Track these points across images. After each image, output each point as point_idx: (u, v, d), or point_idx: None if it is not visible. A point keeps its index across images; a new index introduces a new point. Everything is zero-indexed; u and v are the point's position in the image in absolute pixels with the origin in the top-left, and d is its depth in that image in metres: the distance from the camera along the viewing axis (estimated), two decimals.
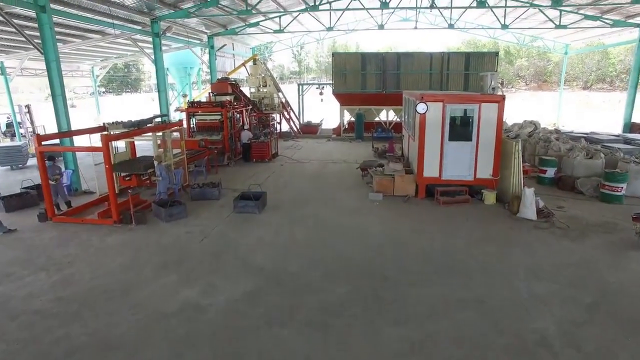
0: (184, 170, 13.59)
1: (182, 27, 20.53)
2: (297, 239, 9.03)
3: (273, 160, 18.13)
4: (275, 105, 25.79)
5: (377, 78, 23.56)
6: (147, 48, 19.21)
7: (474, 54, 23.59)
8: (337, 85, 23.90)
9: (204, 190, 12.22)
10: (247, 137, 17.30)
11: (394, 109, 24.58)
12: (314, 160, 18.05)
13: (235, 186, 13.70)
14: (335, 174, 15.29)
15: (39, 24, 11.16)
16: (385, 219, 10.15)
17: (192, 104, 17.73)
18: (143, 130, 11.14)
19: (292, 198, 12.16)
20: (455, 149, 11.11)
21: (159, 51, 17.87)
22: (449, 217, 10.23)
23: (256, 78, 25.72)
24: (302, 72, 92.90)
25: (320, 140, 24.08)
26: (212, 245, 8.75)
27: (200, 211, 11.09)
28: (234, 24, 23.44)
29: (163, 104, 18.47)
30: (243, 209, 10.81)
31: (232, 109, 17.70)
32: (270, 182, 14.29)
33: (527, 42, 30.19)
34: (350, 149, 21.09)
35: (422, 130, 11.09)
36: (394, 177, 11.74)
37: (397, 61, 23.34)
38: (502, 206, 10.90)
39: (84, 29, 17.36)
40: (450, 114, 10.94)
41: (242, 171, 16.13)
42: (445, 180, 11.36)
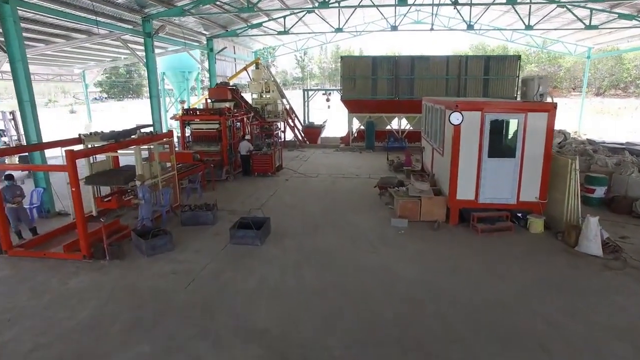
0: (175, 188, 11.81)
1: (178, 27, 18.85)
2: (308, 283, 7.19)
3: (277, 174, 16.32)
4: (279, 113, 24.09)
5: (389, 83, 21.78)
6: (139, 50, 17.51)
7: (495, 57, 21.81)
8: (346, 91, 22.13)
9: (196, 214, 10.40)
10: (246, 148, 15.51)
11: (407, 117, 22.80)
12: (323, 173, 16.24)
13: (234, 206, 11.90)
14: (348, 191, 13.46)
15: (0, 17, 9.42)
16: (414, 254, 8.30)
17: (187, 111, 15.99)
18: (122, 144, 9.35)
19: (299, 223, 10.33)
20: (495, 167, 9.29)
21: (151, 52, 16.16)
22: (491, 251, 8.37)
23: (259, 83, 24.08)
24: (306, 78, 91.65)
25: (327, 151, 22.28)
26: (202, 291, 6.92)
27: (190, 241, 9.27)
28: (235, 25, 21.77)
29: (155, 111, 16.73)
30: (242, 240, 8.98)
31: (231, 117, 15.94)
32: (273, 202, 12.47)
33: (547, 46, 28.38)
34: (361, 160, 19.27)
35: (456, 144, 9.27)
36: (421, 200, 9.91)
37: (411, 65, 21.56)
38: (553, 236, 9.05)
39: (68, 28, 15.65)
40: (490, 125, 9.12)
41: (242, 188, 14.32)
42: (482, 204, 9.52)
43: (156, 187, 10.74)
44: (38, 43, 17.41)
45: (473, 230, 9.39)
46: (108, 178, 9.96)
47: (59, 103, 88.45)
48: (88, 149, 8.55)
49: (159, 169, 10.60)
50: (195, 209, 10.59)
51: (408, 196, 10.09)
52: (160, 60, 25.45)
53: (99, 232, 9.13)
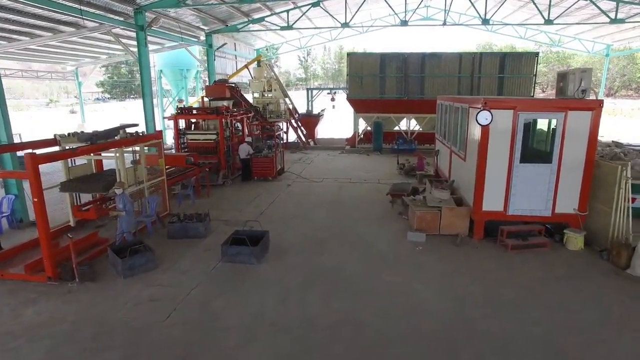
0: (164, 195, 10.62)
1: (174, 21, 17.69)
2: (314, 315, 5.96)
3: (278, 178, 15.11)
4: (282, 112, 22.91)
5: (398, 82, 20.54)
6: (131, 45, 16.32)
7: (511, 54, 20.55)
8: (353, 90, 20.90)
9: (185, 226, 9.19)
10: (246, 151, 14.27)
11: (417, 117, 21.54)
12: (328, 178, 15.01)
13: (229, 215, 10.70)
14: (356, 198, 12.23)
15: None
16: (437, 277, 7.06)
17: (182, 110, 14.80)
18: (99, 147, 8.16)
19: (303, 236, 9.11)
20: (528, 174, 8.03)
21: (144, 47, 14.99)
22: (528, 273, 7.12)
23: (260, 81, 22.93)
24: (309, 78, 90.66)
25: (332, 153, 21.04)
26: (184, 326, 5.71)
27: (176, 258, 8.07)
28: (236, 20, 20.58)
29: (148, 110, 15.56)
30: (235, 258, 7.77)
31: (229, 117, 14.74)
32: (274, 210, 11.25)
33: (562, 43, 27.04)
34: (369, 163, 18.03)
35: (483, 148, 8.03)
36: (441, 211, 8.66)
37: (421, 63, 20.29)
38: (595, 254, 7.79)
39: (54, 20, 14.50)
40: (523, 126, 7.87)
41: (240, 194, 13.11)
42: (512, 216, 8.27)
43: (141, 194, 9.57)
44: (22, 36, 16.27)
45: (501, 247, 8.15)
46: (86, 184, 8.76)
47: (60, 103, 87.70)
48: (53, 152, 7.33)
49: (145, 173, 9.39)
50: (184, 220, 9.38)
51: (426, 206, 8.85)
52: (157, 57, 24.39)
53: (76, 245, 8.01)
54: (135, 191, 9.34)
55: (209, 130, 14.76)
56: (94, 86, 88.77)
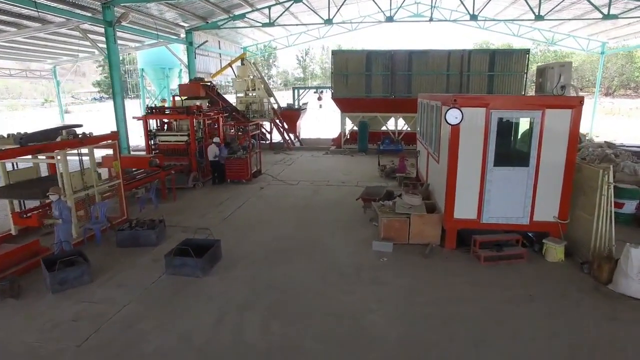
0: (121, 199, 9.92)
1: (150, 17, 17.02)
2: (248, 338, 5.26)
3: (253, 180, 14.41)
4: (266, 112, 22.22)
5: (385, 80, 19.86)
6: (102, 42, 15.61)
7: (501, 51, 19.84)
8: (338, 89, 20.21)
9: (135, 234, 8.49)
10: (214, 153, 13.54)
11: (404, 117, 20.83)
12: (305, 180, 14.30)
13: (192, 221, 10.00)
14: (330, 203, 11.52)
15: None
16: (397, 294, 6.35)
17: (152, 110, 14.10)
18: (32, 149, 7.46)
19: (261, 245, 8.40)
20: (503, 178, 7.33)
21: (113, 43, 14.31)
22: (499, 290, 6.41)
23: (244, 80, 22.27)
24: (307, 78, 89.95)
25: (316, 154, 20.33)
26: (98, 352, 5.01)
27: (119, 269, 7.38)
28: (216, 16, 19.91)
29: (119, 110, 14.90)
30: (180, 270, 7.07)
31: (202, 116, 14.04)
32: (239, 215, 10.55)
33: (557, 41, 26.33)
34: (352, 164, 17.33)
35: (454, 149, 7.32)
36: (410, 218, 7.95)
37: (408, 61, 19.61)
38: (576, 266, 7.09)
39: (16, 14, 13.83)
40: (497, 125, 7.16)
41: (209, 197, 12.42)
42: (487, 225, 7.56)
43: (92, 199, 8.88)
44: None
45: (474, 258, 7.44)
46: (24, 190, 8.08)
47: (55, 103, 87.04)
48: None
49: (95, 177, 8.68)
50: (135, 227, 8.68)
51: (394, 213, 8.13)
52: (139, 56, 23.72)
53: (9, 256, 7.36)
54: (82, 197, 8.65)
55: (181, 131, 14.07)
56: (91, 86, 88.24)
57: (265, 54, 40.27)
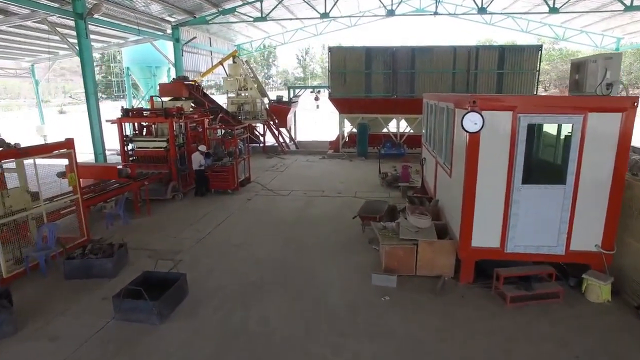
0: (80, 217, 8.51)
1: (130, 10, 15.60)
2: None
3: (240, 190, 12.99)
4: (259, 113, 20.80)
5: (386, 79, 18.43)
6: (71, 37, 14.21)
7: (511, 47, 18.38)
8: (335, 88, 18.79)
9: (87, 263, 7.07)
10: (198, 161, 12.11)
11: (407, 118, 19.40)
12: (297, 190, 12.88)
13: (160, 243, 8.61)
14: (323, 218, 10.10)
15: None
16: (399, 351, 4.93)
17: (127, 111, 12.67)
18: None
19: (237, 277, 6.97)
20: (533, 198, 5.90)
21: (85, 38, 12.91)
22: (533, 345, 4.99)
23: (235, 79, 20.81)
24: (307, 77, 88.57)
25: (312, 158, 18.91)
26: None
27: (59, 310, 6.01)
28: (204, 11, 18.51)
29: (93, 112, 13.50)
30: (130, 316, 5.66)
31: (183, 119, 12.63)
32: (217, 235, 9.13)
33: (568, 37, 24.85)
34: (350, 170, 15.90)
35: (472, 162, 5.90)
36: (418, 246, 6.53)
37: (411, 58, 18.18)
38: (628, 308, 5.67)
39: None
40: (526, 132, 5.73)
41: (189, 211, 11.01)
42: (512, 255, 6.14)
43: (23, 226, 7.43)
44: None
45: (497, 296, 6.01)
46: None
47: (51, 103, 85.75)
48: None
49: (27, 198, 7.24)
50: (88, 254, 7.27)
51: (398, 239, 6.70)
52: (124, 53, 22.35)
53: None
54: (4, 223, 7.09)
55: (162, 135, 12.64)
56: None
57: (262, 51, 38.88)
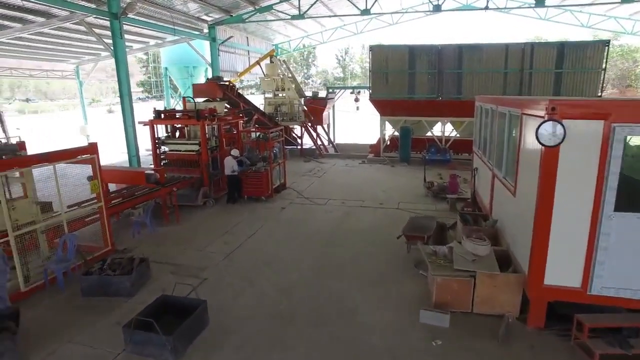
0: (104, 226, 8.05)
1: (166, 10, 15.28)
2: None
3: (275, 196, 12.29)
4: (296, 115, 20.11)
5: (431, 79, 17.22)
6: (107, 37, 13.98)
7: (572, 44, 16.64)
8: (376, 89, 17.78)
9: (105, 281, 6.51)
10: (231, 166, 11.48)
11: (453, 122, 18.10)
12: (335, 199, 12.00)
13: (185, 256, 8.00)
14: (362, 233, 9.18)
15: None
16: None
17: (160, 113, 12.25)
18: None
19: (262, 306, 6.16)
20: (629, 230, 4.73)
21: (119, 38, 12.63)
22: None
23: (272, 80, 20.20)
24: (347, 78, 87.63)
25: (351, 163, 17.99)
26: None
27: (69, 335, 5.46)
28: (241, 9, 18.00)
29: (127, 113, 13.22)
30: (142, 350, 4.99)
31: (216, 121, 12.06)
32: (247, 250, 8.41)
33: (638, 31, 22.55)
34: (392, 177, 14.85)
35: (548, 182, 4.81)
36: (476, 278, 5.50)
37: (458, 56, 16.88)
38: None
39: (20, 8, 12.43)
40: (622, 147, 4.59)
41: (219, 220, 10.41)
42: (598, 298, 4.98)
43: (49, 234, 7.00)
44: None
45: (578, 349, 4.89)
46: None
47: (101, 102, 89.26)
48: None
49: (36, 211, 6.72)
50: (105, 269, 6.72)
51: (452, 269, 5.69)
52: (163, 53, 22.31)
53: None
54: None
55: (195, 138, 12.13)
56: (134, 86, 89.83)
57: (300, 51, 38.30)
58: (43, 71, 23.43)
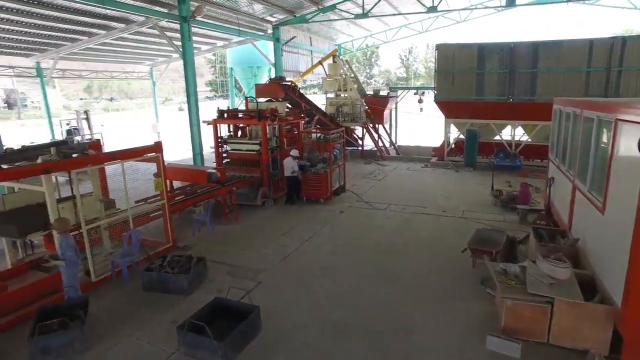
0: (165, 223, 8.28)
1: (232, 12, 15.63)
2: None
3: (334, 199, 12.08)
4: (358, 115, 19.78)
5: (501, 80, 16.12)
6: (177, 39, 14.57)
7: None
8: (442, 90, 16.98)
9: (164, 278, 6.65)
10: (291, 168, 11.44)
11: (524, 125, 16.84)
12: (396, 204, 11.53)
13: (242, 257, 8.03)
14: (424, 242, 8.69)
15: None
16: None
17: (223, 113, 12.51)
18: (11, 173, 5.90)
19: (316, 317, 5.93)
20: None
21: (188, 40, 13.05)
22: None
23: (335, 80, 20.00)
24: (410, 78, 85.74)
25: (413, 166, 17.33)
26: None
27: (131, 329, 5.63)
28: (305, 9, 17.99)
29: (193, 113, 13.66)
30: (194, 352, 4.97)
31: (277, 121, 12.08)
32: (303, 254, 8.26)
33: None
34: (456, 183, 14.07)
35: None
36: (554, 305, 4.89)
37: (533, 54, 15.63)
38: None
39: (105, 16, 13.35)
40: None
41: (277, 221, 10.38)
42: None
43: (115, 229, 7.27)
44: (81, 36, 15.61)
45: None
46: (12, 221, 6.46)
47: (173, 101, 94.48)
48: None
49: (100, 208, 6.94)
50: (165, 267, 6.86)
51: (525, 292, 5.12)
52: (228, 54, 22.98)
53: None
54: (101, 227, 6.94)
55: (256, 138, 12.25)
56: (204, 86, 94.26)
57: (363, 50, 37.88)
58: (122, 73, 25.16)
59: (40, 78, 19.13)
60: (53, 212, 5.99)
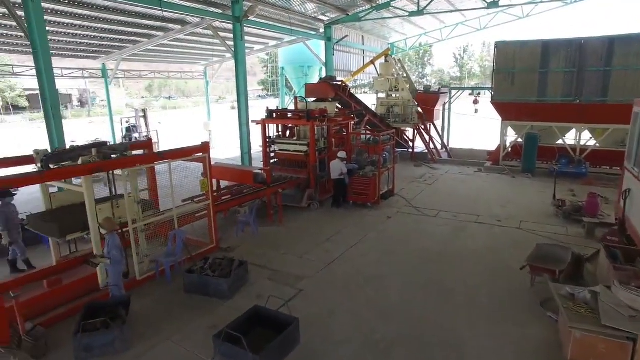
0: (210, 224, 8.30)
1: (285, 11, 15.59)
2: None
3: (381, 203, 11.66)
4: (409, 116, 19.15)
5: (567, 79, 14.88)
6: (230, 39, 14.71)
7: None
8: (499, 91, 15.99)
9: (204, 281, 6.61)
10: (339, 170, 11.15)
11: (592, 128, 15.47)
12: (446, 210, 10.94)
13: (284, 261, 7.87)
14: (477, 254, 8.10)
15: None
16: None
17: (272, 112, 12.46)
18: (54, 174, 5.98)
19: (364, 329, 5.64)
20: None
21: (240, 40, 13.13)
22: None
23: (387, 79, 19.49)
24: (464, 77, 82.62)
25: (466, 170, 16.49)
26: None
27: (171, 331, 5.69)
28: (357, 7, 17.61)
29: (243, 112, 13.74)
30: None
31: (325, 122, 11.84)
32: (347, 261, 7.96)
33: None
34: (512, 190, 13.15)
35: None
36: (636, 344, 4.26)
37: (607, 51, 14.27)
38: None
39: (162, 19, 13.80)
40: None
41: (322, 225, 10.14)
42: None
43: (161, 228, 7.32)
44: (142, 38, 16.25)
45: None
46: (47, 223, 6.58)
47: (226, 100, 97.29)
48: None
49: (137, 209, 6.92)
50: (206, 270, 6.82)
51: (597, 322, 4.51)
52: (279, 54, 23.11)
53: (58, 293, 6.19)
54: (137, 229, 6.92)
55: (305, 138, 12.08)
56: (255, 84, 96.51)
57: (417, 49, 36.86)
58: (178, 72, 26.12)
59: (104, 78, 20.21)
60: (91, 213, 6.08)
